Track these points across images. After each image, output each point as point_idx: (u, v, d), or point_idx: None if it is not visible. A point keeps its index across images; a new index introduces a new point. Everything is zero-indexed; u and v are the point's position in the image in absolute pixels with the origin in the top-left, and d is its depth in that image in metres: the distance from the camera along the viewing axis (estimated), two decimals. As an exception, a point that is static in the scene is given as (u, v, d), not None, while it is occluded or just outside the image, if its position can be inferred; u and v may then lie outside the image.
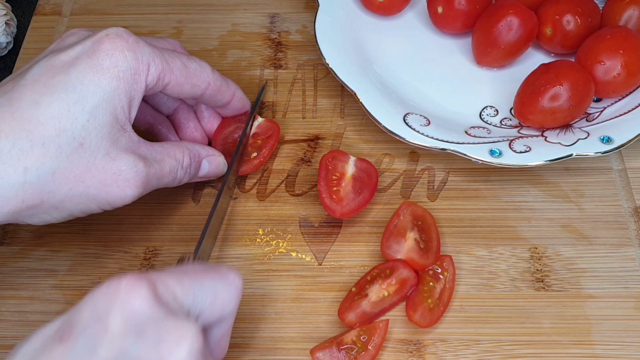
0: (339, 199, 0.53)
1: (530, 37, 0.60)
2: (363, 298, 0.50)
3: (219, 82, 0.52)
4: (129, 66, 0.45)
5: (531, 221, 0.55)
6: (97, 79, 0.43)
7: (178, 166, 0.50)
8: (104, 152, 0.44)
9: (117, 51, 0.44)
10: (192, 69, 0.49)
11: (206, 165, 0.53)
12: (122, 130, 0.45)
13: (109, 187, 0.45)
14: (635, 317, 0.51)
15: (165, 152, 0.49)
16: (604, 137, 0.55)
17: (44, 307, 0.52)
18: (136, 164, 0.45)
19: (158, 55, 0.47)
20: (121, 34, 0.45)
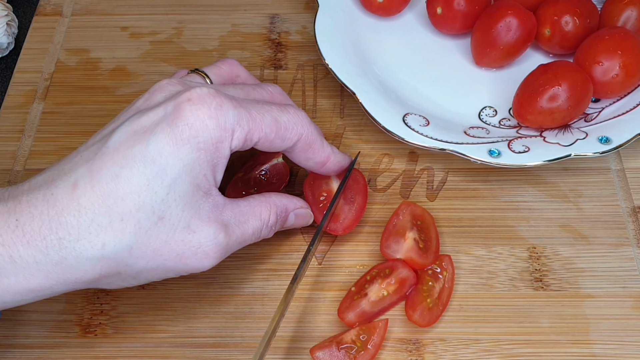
0: (335, 217, 0.53)
1: (529, 38, 0.60)
2: (362, 297, 0.50)
3: (313, 137, 0.48)
4: (210, 136, 0.42)
5: (530, 221, 0.55)
6: (177, 150, 0.41)
7: (262, 226, 0.48)
8: (184, 224, 0.42)
9: (198, 120, 0.42)
10: (284, 122, 0.46)
11: (292, 218, 0.51)
12: (205, 197, 0.43)
13: (187, 260, 0.43)
14: (633, 317, 0.51)
15: (251, 212, 0.47)
16: (602, 137, 0.55)
17: (45, 306, 0.52)
18: (216, 236, 0.43)
19: (244, 117, 0.44)
20: (204, 97, 0.42)
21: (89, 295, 0.52)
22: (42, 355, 0.50)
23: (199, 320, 0.51)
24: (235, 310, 0.51)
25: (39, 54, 0.67)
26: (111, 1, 0.71)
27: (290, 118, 0.47)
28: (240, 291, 0.52)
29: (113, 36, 0.68)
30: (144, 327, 0.51)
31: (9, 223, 0.39)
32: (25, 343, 0.50)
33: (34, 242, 0.39)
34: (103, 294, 0.52)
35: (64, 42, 0.68)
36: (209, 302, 0.52)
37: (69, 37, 0.68)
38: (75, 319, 0.51)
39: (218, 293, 0.52)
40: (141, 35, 0.68)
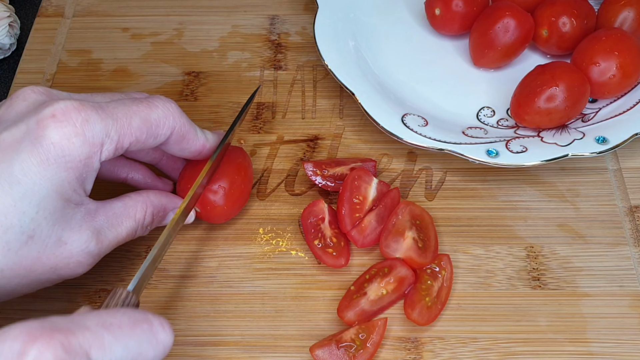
0: (362, 229, 0.52)
1: (526, 39, 0.60)
2: (362, 296, 0.49)
3: (186, 128, 0.47)
4: (77, 154, 0.41)
5: (527, 220, 0.55)
6: (43, 170, 0.39)
7: (137, 226, 0.47)
8: (55, 238, 0.41)
9: (64, 139, 0.40)
10: (154, 120, 0.45)
11: (171, 217, 0.50)
12: (76, 207, 0.43)
13: (60, 271, 0.43)
14: (630, 315, 0.51)
15: (125, 213, 0.46)
16: (599, 137, 0.55)
17: (47, 305, 0.52)
18: (88, 245, 0.43)
19: (112, 127, 0.42)
20: (69, 112, 0.40)
21: (90, 294, 0.52)
22: (44, 353, 0.50)
23: (200, 319, 0.51)
24: (235, 309, 0.51)
25: (41, 55, 0.67)
26: (112, 2, 0.71)
27: (160, 113, 0.45)
28: (240, 290, 0.52)
29: (114, 37, 0.68)
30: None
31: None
32: (27, 342, 0.50)
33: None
34: (104, 293, 0.52)
35: (65, 43, 0.68)
36: (209, 301, 0.52)
37: (71, 38, 0.68)
38: (76, 318, 0.51)
39: (218, 292, 0.52)
40: (142, 37, 0.68)
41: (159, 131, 0.45)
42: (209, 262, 0.54)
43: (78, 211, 0.43)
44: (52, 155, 0.40)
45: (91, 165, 0.42)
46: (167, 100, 0.46)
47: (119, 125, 0.42)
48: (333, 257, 0.52)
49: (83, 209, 0.43)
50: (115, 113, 0.43)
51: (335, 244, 0.52)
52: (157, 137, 0.45)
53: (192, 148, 0.48)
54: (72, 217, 0.42)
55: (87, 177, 0.43)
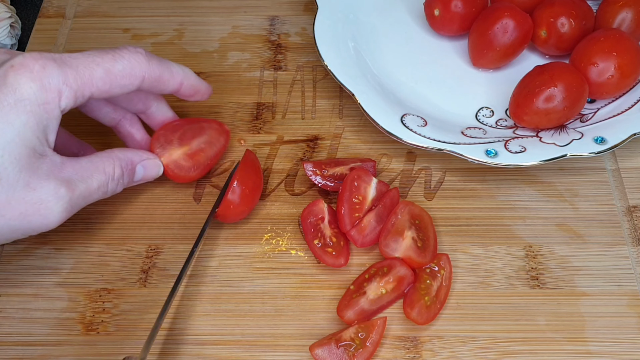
0: (361, 229, 0.52)
1: (525, 40, 0.60)
2: (361, 296, 0.49)
3: (158, 72, 0.49)
4: (36, 98, 0.42)
5: (526, 220, 0.55)
6: (5, 115, 0.42)
7: (108, 180, 0.48)
8: (22, 183, 0.43)
9: (21, 84, 0.42)
10: (118, 71, 0.46)
11: (141, 171, 0.52)
12: (41, 158, 0.44)
13: (31, 217, 0.43)
14: (628, 315, 0.50)
15: (94, 168, 0.47)
16: (597, 137, 0.55)
17: (48, 304, 0.52)
18: (57, 190, 0.44)
19: (70, 75, 0.44)
20: (26, 62, 0.43)
21: (91, 294, 0.52)
22: (45, 352, 0.50)
23: (200, 318, 0.51)
24: (236, 308, 0.51)
25: (42, 55, 0.67)
26: (113, 3, 0.71)
27: (126, 64, 0.47)
28: (240, 289, 0.52)
29: (115, 38, 0.68)
30: (146, 324, 0.51)
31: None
32: (28, 340, 0.50)
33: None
34: (105, 292, 0.52)
35: (66, 43, 0.68)
36: (210, 300, 0.52)
37: (72, 38, 0.68)
38: (77, 317, 0.51)
39: (218, 291, 0.52)
40: (143, 37, 0.68)
41: (124, 81, 0.47)
42: (209, 262, 0.54)
43: (43, 162, 0.44)
44: (12, 99, 0.42)
45: (51, 112, 0.44)
46: (134, 51, 0.48)
47: (78, 75, 0.44)
48: (332, 257, 0.52)
49: (48, 160, 0.44)
50: (76, 64, 0.45)
51: (334, 243, 0.52)
52: (124, 86, 0.47)
53: (170, 87, 0.51)
54: (38, 167, 0.44)
55: (48, 124, 0.44)
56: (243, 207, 0.53)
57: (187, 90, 0.52)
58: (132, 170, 0.51)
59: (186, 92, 0.53)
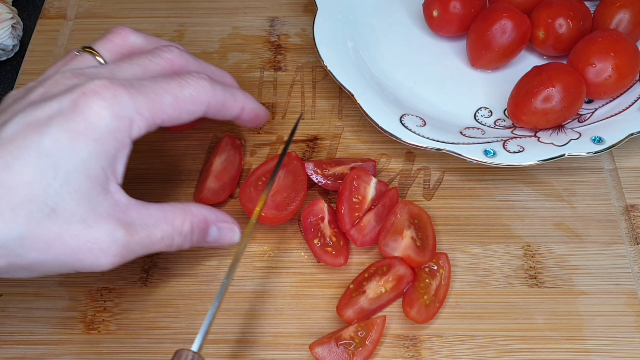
0: (361, 228, 0.52)
1: (523, 40, 0.60)
2: (361, 295, 0.49)
3: (222, 97, 0.47)
4: (107, 126, 0.41)
5: (524, 219, 0.55)
6: (72, 143, 0.40)
7: (174, 233, 0.45)
8: (79, 218, 0.40)
9: (93, 112, 0.41)
10: (186, 98, 0.45)
11: (215, 232, 0.48)
12: (103, 193, 0.41)
13: (82, 255, 0.41)
14: (625, 313, 0.50)
15: (162, 217, 0.44)
16: (595, 137, 0.55)
17: (49, 303, 0.52)
18: (114, 232, 0.41)
19: (143, 104, 0.43)
20: (99, 89, 0.41)
21: (92, 293, 0.52)
22: (47, 351, 0.50)
23: (201, 317, 0.51)
24: (236, 307, 0.51)
25: (44, 56, 0.67)
26: (114, 4, 0.71)
27: (192, 90, 0.45)
28: (240, 288, 0.52)
29: (116, 39, 0.68)
30: (147, 323, 0.51)
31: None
32: (30, 339, 0.50)
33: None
34: (106, 291, 0.52)
35: (67, 44, 0.68)
36: (211, 299, 0.52)
37: (73, 39, 0.68)
38: (79, 316, 0.51)
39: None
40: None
41: (192, 107, 0.46)
42: (210, 261, 0.54)
43: (105, 200, 0.42)
44: (82, 128, 0.40)
45: (121, 141, 0.42)
46: (198, 77, 0.46)
47: (149, 102, 0.43)
48: (332, 256, 0.52)
49: (111, 198, 0.42)
50: (146, 90, 0.43)
51: (334, 243, 0.52)
52: (191, 113, 0.46)
53: (233, 112, 0.49)
54: (99, 204, 0.41)
55: (117, 155, 0.42)
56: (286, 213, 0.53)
57: (248, 115, 0.51)
58: (204, 230, 0.47)
59: (247, 117, 0.51)
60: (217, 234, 0.48)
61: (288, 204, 0.53)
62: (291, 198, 0.53)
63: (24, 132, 0.40)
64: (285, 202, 0.53)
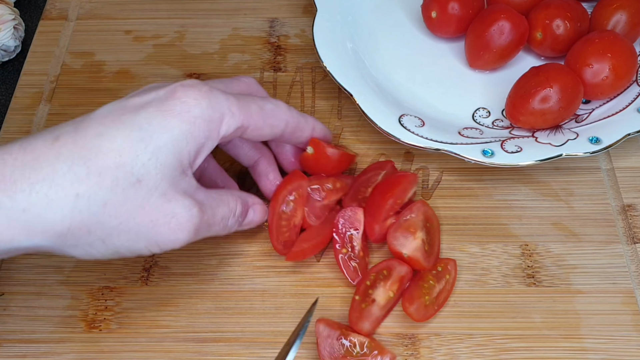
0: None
1: (521, 41, 0.60)
2: (371, 304, 0.49)
3: (297, 119, 0.50)
4: (202, 112, 0.43)
5: (522, 219, 0.55)
6: (166, 121, 0.41)
7: (230, 214, 0.47)
8: (160, 192, 0.41)
9: (190, 98, 0.42)
10: (269, 110, 0.47)
11: (252, 213, 0.50)
12: (183, 175, 0.43)
13: (160, 228, 0.42)
14: (623, 312, 0.50)
15: (220, 199, 0.47)
16: (592, 137, 0.55)
17: (51, 302, 0.52)
18: (191, 209, 0.43)
19: (234, 103, 0.44)
20: (195, 84, 0.44)
21: (93, 292, 0.52)
22: (48, 349, 0.50)
23: (201, 316, 0.51)
24: (236, 306, 0.51)
25: (45, 57, 0.67)
26: (115, 5, 0.71)
27: (273, 107, 0.48)
28: (241, 287, 0.52)
29: (117, 40, 0.68)
30: (148, 322, 0.51)
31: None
32: (32, 338, 0.50)
33: (2, 185, 0.38)
34: (107, 290, 0.52)
35: (69, 45, 0.68)
36: (211, 298, 0.52)
37: (74, 40, 0.68)
38: (80, 315, 0.51)
39: (219, 289, 0.52)
40: (144, 39, 0.68)
41: (274, 122, 0.48)
42: (210, 260, 0.54)
43: (183, 179, 0.43)
44: (178, 109, 0.42)
45: (212, 132, 0.43)
46: (276, 99, 0.49)
47: (240, 104, 0.45)
48: (353, 272, 0.51)
49: (187, 180, 0.44)
50: (236, 96, 0.45)
51: (360, 259, 0.52)
52: (273, 127, 0.48)
53: (306, 134, 0.51)
54: (178, 182, 0.43)
55: (204, 144, 0.44)
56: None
57: (318, 136, 0.53)
58: (246, 212, 0.50)
59: (318, 136, 0.53)
60: (252, 215, 0.51)
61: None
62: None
63: (120, 110, 0.42)
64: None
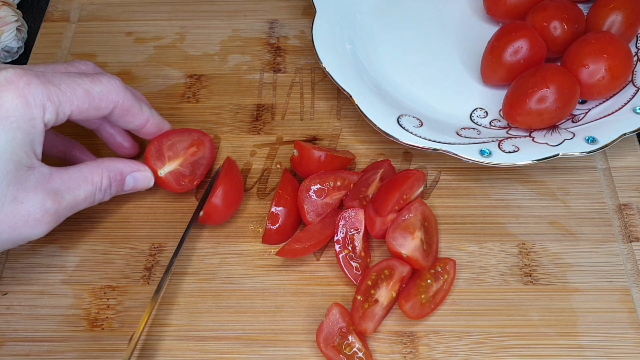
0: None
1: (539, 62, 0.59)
2: (374, 304, 0.49)
3: (129, 103, 0.50)
4: (21, 114, 0.43)
5: (519, 218, 0.55)
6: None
7: (95, 190, 0.48)
8: (10, 198, 0.43)
9: (7, 101, 0.42)
10: (96, 93, 0.47)
11: (131, 182, 0.52)
12: (29, 170, 0.44)
13: (20, 229, 0.44)
14: (619, 310, 0.50)
15: (82, 178, 0.47)
16: (588, 137, 0.55)
17: (54, 301, 0.52)
18: (44, 203, 0.44)
19: (53, 92, 0.44)
20: (12, 79, 0.43)
21: (96, 291, 0.52)
22: (51, 348, 0.50)
23: (202, 314, 0.51)
24: (237, 304, 0.51)
25: (47, 58, 0.67)
26: (116, 7, 0.71)
27: (104, 88, 0.48)
28: (241, 286, 0.52)
29: (118, 41, 0.68)
30: (149, 321, 0.51)
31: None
32: (35, 336, 0.50)
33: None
34: (110, 289, 0.52)
35: (71, 46, 0.67)
36: (211, 296, 0.52)
37: (76, 42, 0.68)
38: (82, 314, 0.51)
39: (220, 288, 0.52)
40: (145, 40, 0.68)
41: (101, 104, 0.48)
42: (211, 259, 0.54)
43: (31, 174, 0.44)
44: (1, 116, 0.42)
45: (37, 127, 0.44)
46: (111, 77, 0.49)
47: (61, 92, 0.45)
48: (355, 272, 0.51)
49: (36, 172, 0.45)
50: (57, 81, 0.45)
51: (362, 259, 0.52)
52: (99, 109, 0.48)
53: (137, 122, 0.52)
54: (26, 180, 0.44)
55: (34, 138, 0.44)
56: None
57: (152, 129, 0.53)
58: (121, 181, 0.51)
59: (150, 130, 0.53)
60: (133, 183, 0.52)
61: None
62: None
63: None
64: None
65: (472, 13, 0.67)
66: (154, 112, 0.53)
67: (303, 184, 0.53)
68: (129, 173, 0.51)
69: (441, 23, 0.67)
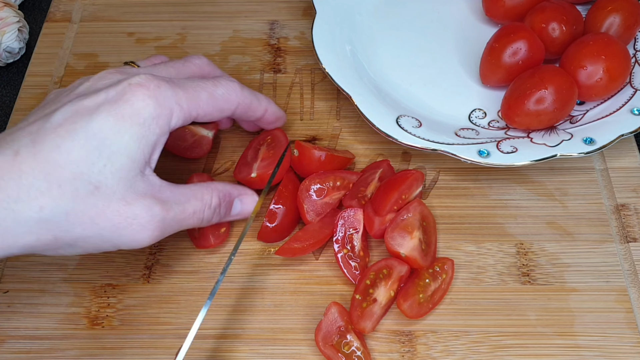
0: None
1: (538, 64, 0.59)
2: (372, 304, 0.49)
3: (249, 100, 0.51)
4: (150, 113, 0.43)
5: (517, 218, 0.55)
6: (117, 127, 0.42)
7: (204, 207, 0.48)
8: (119, 196, 0.42)
9: (139, 100, 0.43)
10: (219, 96, 0.48)
11: (238, 205, 0.51)
12: (140, 175, 0.44)
13: (123, 231, 0.43)
14: (616, 310, 0.50)
15: (192, 194, 0.47)
16: (586, 138, 0.55)
17: (55, 299, 0.52)
18: (151, 208, 0.43)
19: (182, 96, 0.45)
20: (143, 82, 0.44)
21: (96, 289, 0.52)
22: (52, 346, 0.50)
23: (202, 313, 0.51)
24: (236, 303, 0.51)
25: (49, 58, 0.67)
26: (118, 8, 0.71)
27: (225, 91, 0.49)
28: (240, 285, 0.52)
29: (120, 41, 0.68)
30: (149, 319, 0.51)
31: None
32: (36, 334, 0.50)
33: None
34: (110, 287, 0.52)
35: (72, 47, 0.68)
36: (211, 295, 0.52)
37: (78, 42, 0.68)
38: (83, 312, 0.51)
39: (220, 287, 0.52)
40: (146, 41, 0.68)
41: (224, 105, 0.49)
42: (211, 258, 0.54)
43: (142, 180, 0.44)
44: (128, 113, 0.43)
45: (162, 128, 0.44)
46: (230, 80, 0.50)
47: (188, 95, 0.46)
48: (353, 272, 0.51)
49: (147, 179, 0.44)
50: (185, 86, 0.46)
51: (361, 259, 0.52)
52: (222, 110, 0.49)
53: (257, 114, 0.53)
54: (136, 184, 0.43)
55: (157, 141, 0.45)
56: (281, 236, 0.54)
57: (270, 117, 0.54)
58: (229, 202, 0.50)
59: (269, 119, 0.55)
60: (240, 206, 0.51)
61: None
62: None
63: (73, 117, 0.42)
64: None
65: (471, 14, 0.67)
66: (271, 102, 0.54)
67: (303, 183, 0.53)
68: (237, 196, 0.51)
69: (440, 24, 0.67)
